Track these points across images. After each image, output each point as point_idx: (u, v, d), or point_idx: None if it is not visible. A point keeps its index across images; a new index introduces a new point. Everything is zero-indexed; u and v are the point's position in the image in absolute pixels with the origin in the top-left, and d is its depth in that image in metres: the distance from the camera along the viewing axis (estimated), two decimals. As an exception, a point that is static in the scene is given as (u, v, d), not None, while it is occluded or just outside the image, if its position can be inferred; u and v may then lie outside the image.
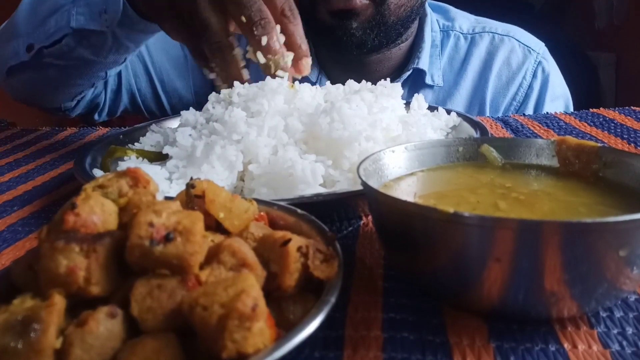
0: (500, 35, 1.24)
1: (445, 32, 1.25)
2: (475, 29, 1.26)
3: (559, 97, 1.25)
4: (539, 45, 1.25)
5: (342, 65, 1.19)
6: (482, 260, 0.35)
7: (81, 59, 0.97)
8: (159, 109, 1.28)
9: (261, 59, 0.71)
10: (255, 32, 0.70)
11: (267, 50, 0.71)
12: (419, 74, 1.19)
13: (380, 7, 1.04)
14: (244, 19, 0.70)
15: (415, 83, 1.19)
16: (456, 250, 0.36)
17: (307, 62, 0.75)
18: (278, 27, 0.72)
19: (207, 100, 0.75)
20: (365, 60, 1.16)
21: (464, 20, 1.28)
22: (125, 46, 0.95)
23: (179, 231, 0.32)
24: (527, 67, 1.23)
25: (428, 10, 1.22)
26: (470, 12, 1.32)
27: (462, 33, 1.25)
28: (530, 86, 1.23)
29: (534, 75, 1.23)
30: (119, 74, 1.19)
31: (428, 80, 1.19)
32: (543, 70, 1.24)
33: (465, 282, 0.37)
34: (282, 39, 0.73)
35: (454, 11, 1.31)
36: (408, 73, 1.17)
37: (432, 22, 1.23)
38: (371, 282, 0.45)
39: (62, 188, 0.73)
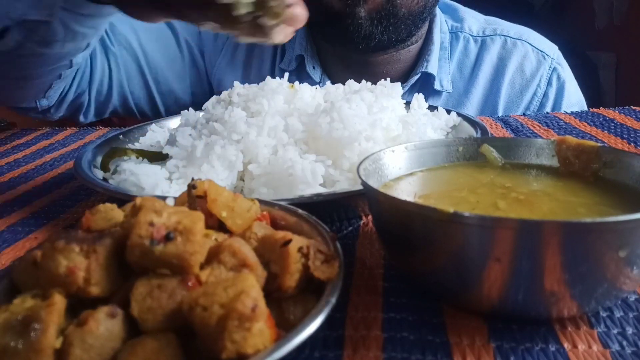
0: (513, 39, 1.17)
1: (454, 34, 1.17)
2: (486, 30, 1.18)
3: (574, 105, 1.18)
4: (553, 50, 1.18)
5: (346, 66, 1.12)
6: (482, 260, 0.35)
7: (34, 53, 0.86)
8: (153, 110, 1.21)
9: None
10: None
11: None
12: (427, 78, 1.11)
13: None
14: None
15: (423, 88, 1.12)
16: (456, 250, 0.36)
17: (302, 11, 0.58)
18: None
19: (204, 101, 0.73)
20: (371, 61, 1.09)
21: (474, 20, 1.20)
22: (81, 33, 0.85)
23: (179, 231, 0.32)
24: (541, 73, 1.16)
25: (437, 9, 1.15)
26: (472, 12, 1.26)
27: (472, 35, 1.18)
28: (545, 94, 1.16)
29: (549, 83, 1.16)
30: (110, 75, 1.11)
31: (437, 86, 1.12)
32: (558, 77, 1.17)
33: (465, 282, 0.37)
34: None
35: (462, 10, 1.23)
36: (416, 77, 1.10)
37: (441, 22, 1.16)
38: (371, 282, 0.45)
39: (62, 188, 0.73)
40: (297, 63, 1.15)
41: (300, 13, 0.53)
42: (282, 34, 0.54)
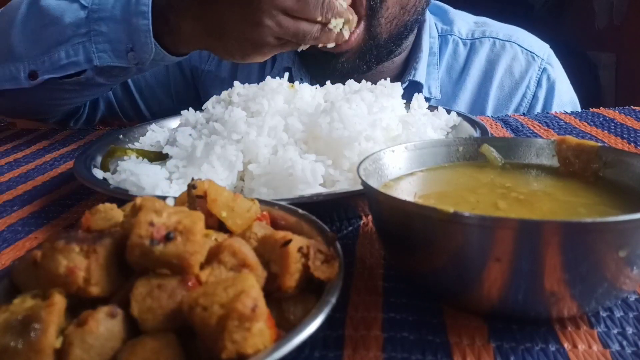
0: (502, 40, 1.16)
1: (444, 37, 1.17)
2: (475, 33, 1.17)
3: (566, 104, 1.17)
4: (543, 50, 1.17)
5: (332, 79, 1.08)
6: (482, 260, 0.35)
7: (97, 84, 0.92)
8: (137, 115, 1.22)
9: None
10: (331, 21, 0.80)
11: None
12: (416, 86, 1.09)
13: (371, 27, 0.95)
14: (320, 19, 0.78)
15: (411, 96, 1.08)
16: (456, 250, 0.36)
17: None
18: None
19: (189, 105, 0.75)
20: (355, 76, 1.06)
21: (463, 23, 1.19)
22: (146, 70, 0.92)
23: (179, 231, 0.32)
24: (530, 75, 1.14)
25: (427, 14, 1.14)
26: (469, 13, 1.25)
27: (461, 38, 1.17)
28: (534, 96, 1.15)
29: (539, 84, 1.15)
30: None
31: (425, 93, 1.10)
32: (548, 78, 1.15)
33: (465, 282, 0.37)
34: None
35: (453, 12, 1.22)
36: (404, 86, 1.04)
37: (431, 27, 1.15)
38: (371, 282, 0.45)
39: (62, 188, 0.73)
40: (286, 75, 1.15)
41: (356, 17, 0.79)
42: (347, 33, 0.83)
